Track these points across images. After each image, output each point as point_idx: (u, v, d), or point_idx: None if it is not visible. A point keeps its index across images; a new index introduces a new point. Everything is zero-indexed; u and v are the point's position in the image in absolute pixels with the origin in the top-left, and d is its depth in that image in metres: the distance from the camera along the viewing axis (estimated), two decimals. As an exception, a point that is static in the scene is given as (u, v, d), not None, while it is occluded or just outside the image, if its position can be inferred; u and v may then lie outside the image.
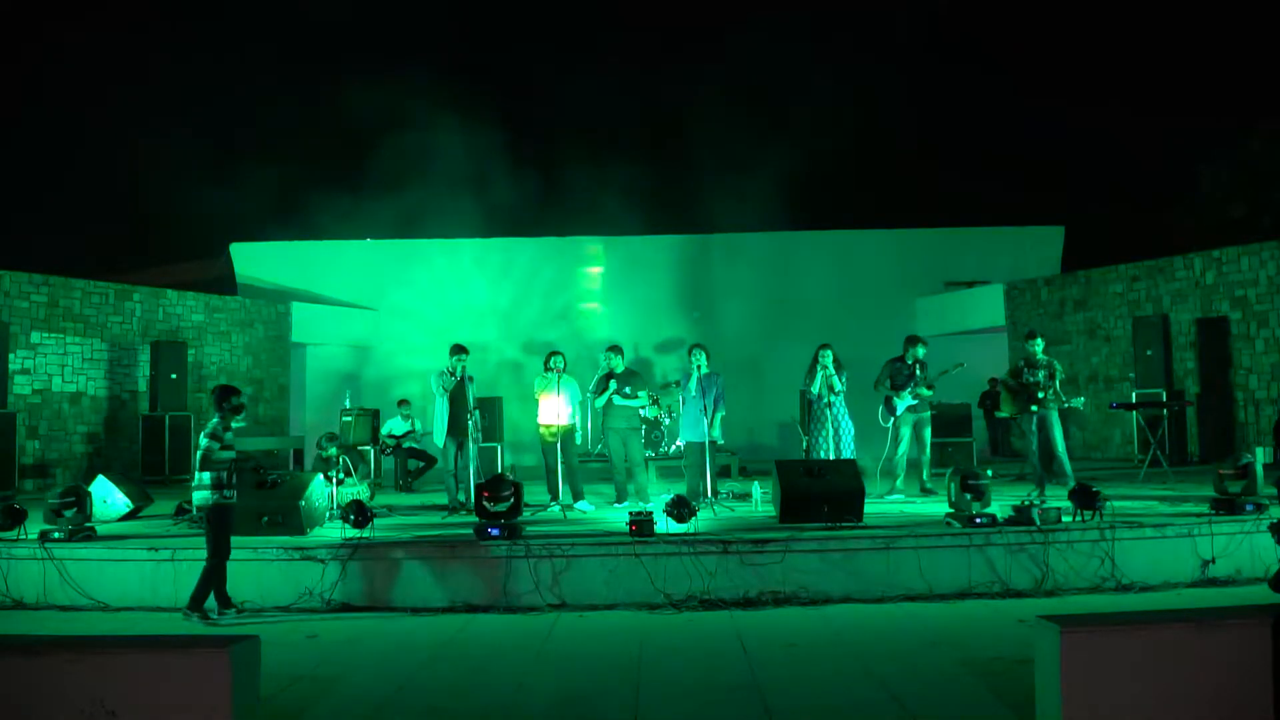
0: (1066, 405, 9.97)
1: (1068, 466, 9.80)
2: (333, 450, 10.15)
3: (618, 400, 9.96)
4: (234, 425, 7.17)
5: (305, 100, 20.25)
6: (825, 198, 21.49)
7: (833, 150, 19.58)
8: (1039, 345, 10.13)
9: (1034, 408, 9.90)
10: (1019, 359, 10.33)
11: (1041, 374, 9.94)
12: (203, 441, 6.99)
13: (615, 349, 10.29)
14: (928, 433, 10.51)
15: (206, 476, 6.88)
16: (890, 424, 10.29)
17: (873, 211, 20.25)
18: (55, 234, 20.63)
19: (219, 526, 6.89)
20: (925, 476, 10.44)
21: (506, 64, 23.15)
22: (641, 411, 10.80)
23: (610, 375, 10.04)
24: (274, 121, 20.41)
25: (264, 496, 8.19)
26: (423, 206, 17.60)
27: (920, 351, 10.31)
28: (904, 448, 10.30)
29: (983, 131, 23.38)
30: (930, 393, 10.34)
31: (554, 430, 9.94)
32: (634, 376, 10.25)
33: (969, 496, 7.73)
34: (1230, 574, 7.38)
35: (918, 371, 10.24)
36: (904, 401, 10.21)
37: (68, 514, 7.85)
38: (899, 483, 10.20)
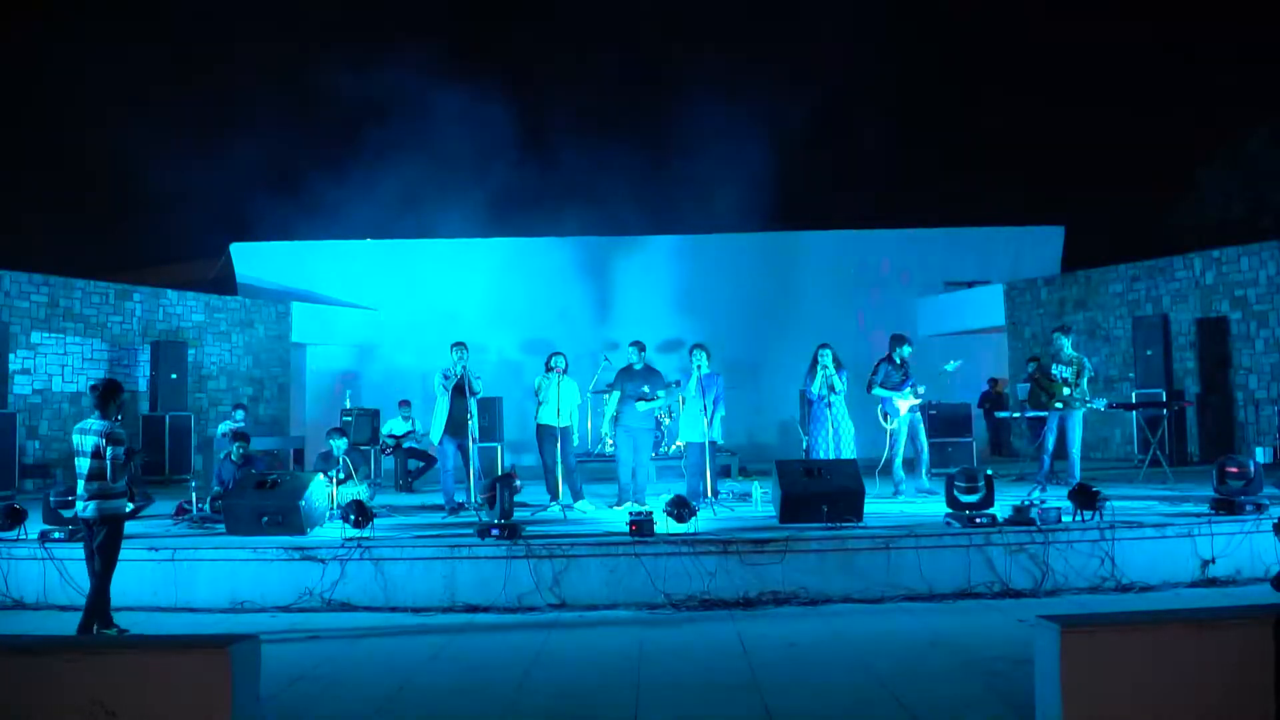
0: (1090, 404, 9.86)
1: (1078, 470, 9.74)
2: (342, 444, 10.09)
3: (640, 405, 9.78)
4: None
5: (303, 95, 20.25)
6: (824, 197, 21.50)
7: (832, 150, 19.58)
8: (1068, 341, 10.02)
9: (1058, 404, 9.78)
10: (1047, 355, 10.12)
11: (1069, 371, 9.80)
12: (110, 450, 6.29)
13: (638, 345, 10.15)
14: (923, 432, 10.46)
15: (124, 483, 6.45)
16: (893, 425, 10.23)
17: (872, 211, 20.26)
18: (55, 234, 20.64)
19: (120, 536, 6.43)
20: (924, 477, 10.43)
21: (505, 63, 23.16)
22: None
23: (631, 372, 9.92)
24: (270, 115, 20.40)
25: (264, 496, 8.19)
26: (422, 204, 17.61)
27: (906, 351, 10.25)
28: (900, 449, 10.29)
29: (982, 131, 23.39)
30: (922, 390, 10.32)
31: (553, 430, 9.92)
32: (654, 375, 9.99)
33: (957, 495, 7.73)
34: (1230, 574, 7.39)
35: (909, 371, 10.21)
36: (904, 401, 10.18)
37: (68, 514, 7.85)
38: (903, 485, 10.19)
